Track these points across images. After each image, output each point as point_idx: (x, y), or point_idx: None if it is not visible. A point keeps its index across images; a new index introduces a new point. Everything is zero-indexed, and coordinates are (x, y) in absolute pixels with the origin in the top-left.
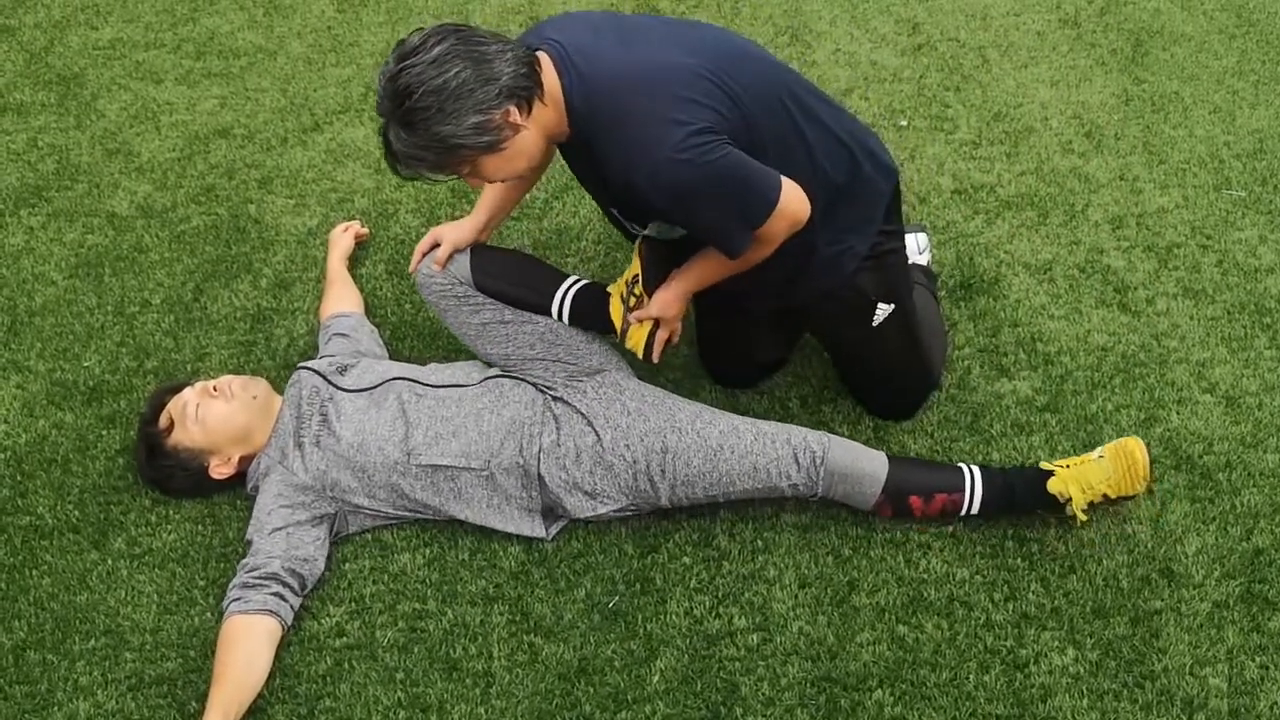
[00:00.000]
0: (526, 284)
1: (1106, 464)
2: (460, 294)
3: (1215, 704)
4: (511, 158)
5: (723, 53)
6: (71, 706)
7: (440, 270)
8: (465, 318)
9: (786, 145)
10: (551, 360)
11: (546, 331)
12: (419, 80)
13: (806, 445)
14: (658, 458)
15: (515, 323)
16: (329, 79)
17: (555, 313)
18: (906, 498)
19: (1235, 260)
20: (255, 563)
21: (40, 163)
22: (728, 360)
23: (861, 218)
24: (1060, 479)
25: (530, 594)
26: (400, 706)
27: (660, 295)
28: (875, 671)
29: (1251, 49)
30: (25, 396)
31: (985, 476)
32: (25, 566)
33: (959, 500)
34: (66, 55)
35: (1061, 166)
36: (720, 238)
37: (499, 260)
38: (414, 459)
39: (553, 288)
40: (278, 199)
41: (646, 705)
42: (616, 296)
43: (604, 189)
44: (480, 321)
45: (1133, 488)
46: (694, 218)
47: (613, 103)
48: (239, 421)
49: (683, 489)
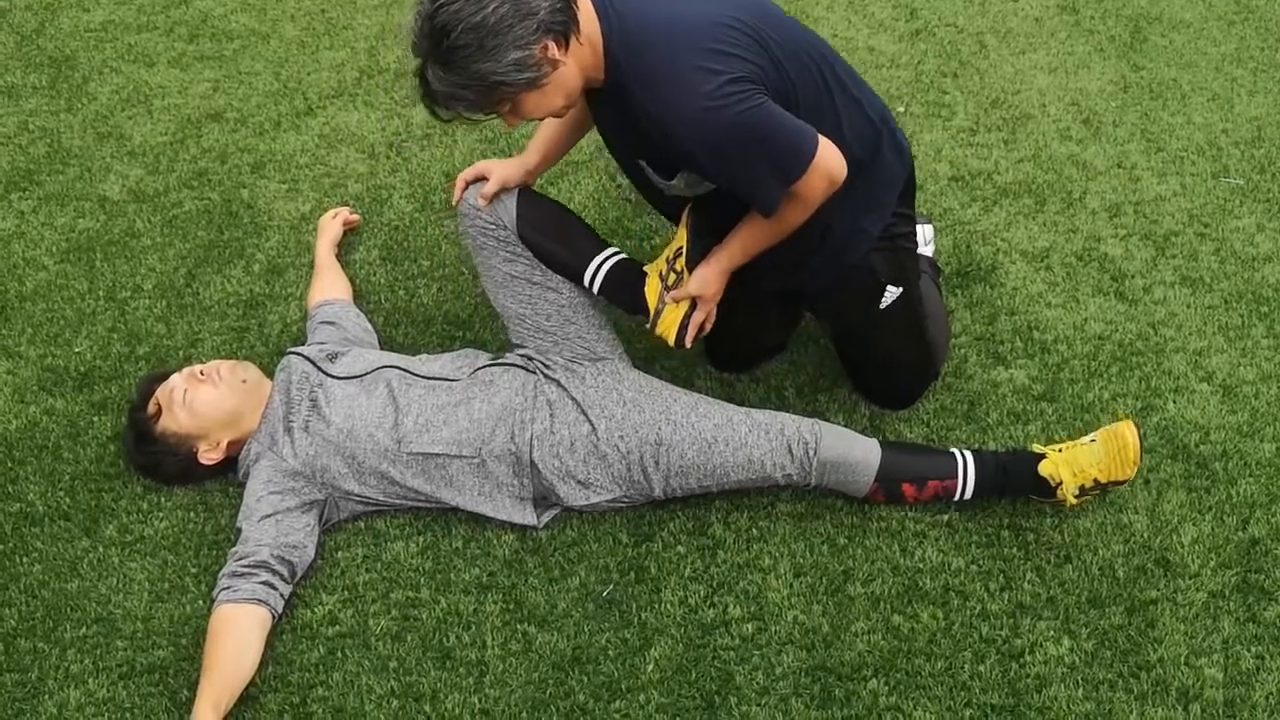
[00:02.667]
0: (566, 243)
1: (1098, 447)
2: (501, 237)
3: (1211, 694)
4: (551, 94)
5: (761, 12)
6: (62, 695)
7: (486, 206)
8: (497, 263)
9: (819, 111)
10: (561, 337)
11: (566, 306)
12: (457, 17)
13: (800, 435)
14: (651, 449)
15: (542, 287)
16: (322, 62)
17: (588, 279)
18: (899, 485)
19: (1233, 249)
20: (244, 551)
21: (31, 146)
22: (729, 343)
23: (878, 199)
24: (1051, 462)
25: (524, 582)
26: (393, 695)
27: (700, 272)
28: (870, 661)
29: (1250, 36)
30: (16, 382)
31: (978, 461)
32: (16, 554)
33: (952, 486)
34: (58, 37)
35: (1059, 154)
36: (754, 191)
37: (545, 211)
38: (404, 446)
39: (591, 254)
40: (270, 184)
41: (641, 694)
42: (654, 276)
43: (633, 139)
44: (509, 272)
45: (1123, 472)
46: (727, 167)
47: (650, 49)
48: (227, 406)
49: (676, 480)
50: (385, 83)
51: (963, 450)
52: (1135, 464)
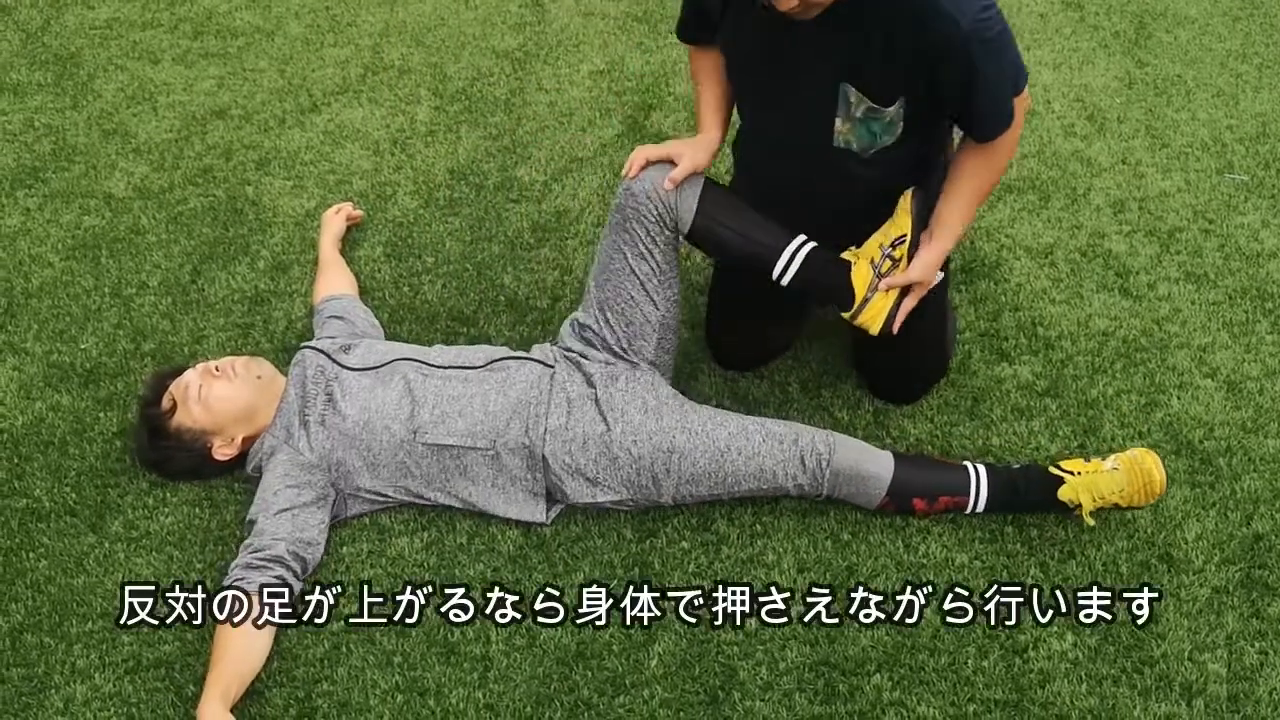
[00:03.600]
0: (756, 232)
1: (1120, 476)
2: (652, 232)
3: (1214, 689)
4: None
5: None
6: (69, 689)
7: (669, 190)
8: (622, 246)
9: None
10: (623, 339)
11: (648, 324)
12: None
13: (814, 447)
14: (664, 456)
15: (648, 296)
16: (327, 59)
17: (780, 267)
18: (910, 499)
19: (1237, 245)
20: (260, 544)
21: (37, 143)
22: (739, 342)
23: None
24: (1071, 487)
25: (528, 578)
26: (398, 690)
27: (922, 257)
28: (873, 656)
29: (1255, 32)
30: (22, 379)
31: (991, 477)
32: (22, 549)
33: (963, 502)
34: (63, 35)
35: (1063, 150)
36: (998, 99)
37: (730, 202)
38: (420, 437)
39: (783, 243)
40: (275, 180)
41: (645, 689)
42: (864, 263)
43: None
44: (631, 268)
45: (1145, 500)
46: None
47: None
48: (242, 401)
49: (687, 487)
50: (390, 79)
51: (976, 465)
52: (1159, 495)
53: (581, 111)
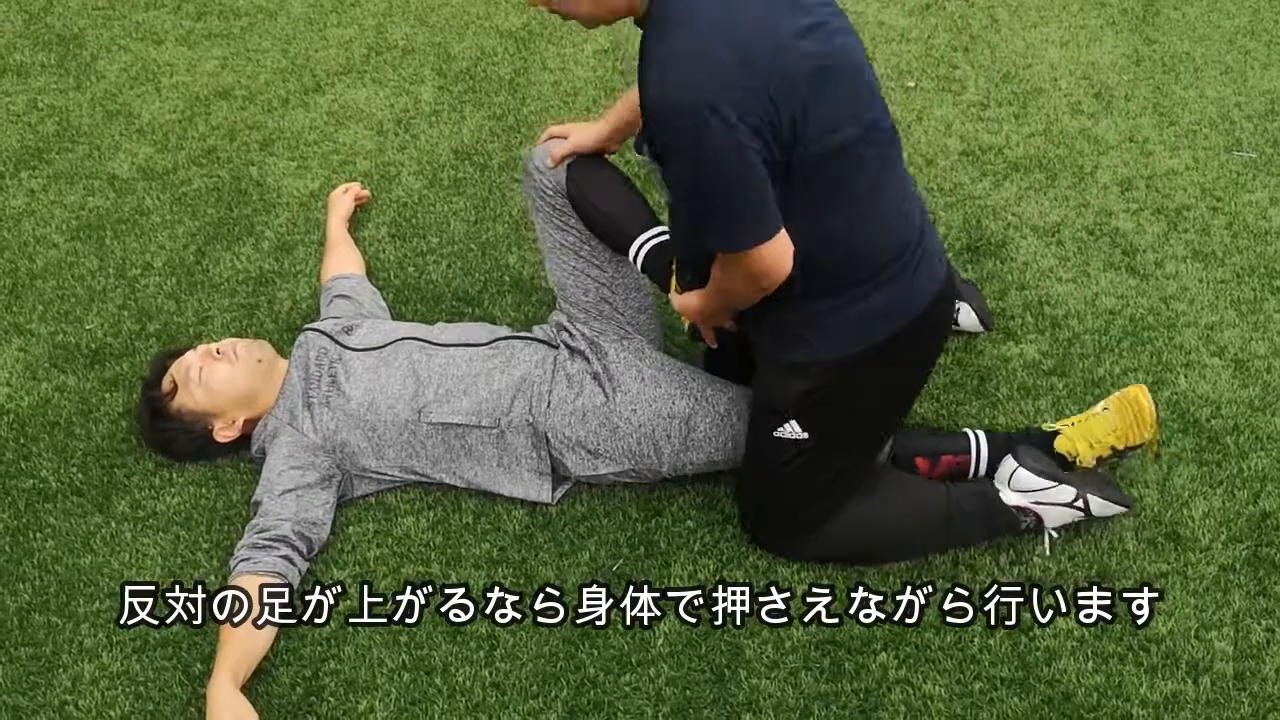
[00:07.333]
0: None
1: (1111, 415)
2: (556, 204)
3: (1220, 667)
4: None
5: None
6: (77, 669)
7: (552, 167)
8: (549, 229)
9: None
10: (595, 316)
11: (605, 286)
12: None
13: None
14: (664, 423)
15: (587, 262)
16: (330, 39)
17: (632, 254)
18: (912, 459)
19: (1245, 222)
20: (265, 524)
21: (40, 124)
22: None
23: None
24: (1066, 437)
25: (534, 557)
26: (404, 669)
27: (680, 298)
28: (879, 634)
29: (1264, 8)
30: (27, 359)
31: (990, 440)
32: (29, 529)
33: (965, 461)
34: (66, 15)
35: (1070, 128)
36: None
37: (600, 178)
38: (425, 416)
39: (638, 230)
40: (279, 161)
41: (651, 668)
42: None
43: None
44: (558, 240)
45: (1141, 435)
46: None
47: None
48: (242, 384)
49: (687, 454)
50: (393, 59)
51: (975, 431)
52: (1153, 426)
53: (586, 91)
